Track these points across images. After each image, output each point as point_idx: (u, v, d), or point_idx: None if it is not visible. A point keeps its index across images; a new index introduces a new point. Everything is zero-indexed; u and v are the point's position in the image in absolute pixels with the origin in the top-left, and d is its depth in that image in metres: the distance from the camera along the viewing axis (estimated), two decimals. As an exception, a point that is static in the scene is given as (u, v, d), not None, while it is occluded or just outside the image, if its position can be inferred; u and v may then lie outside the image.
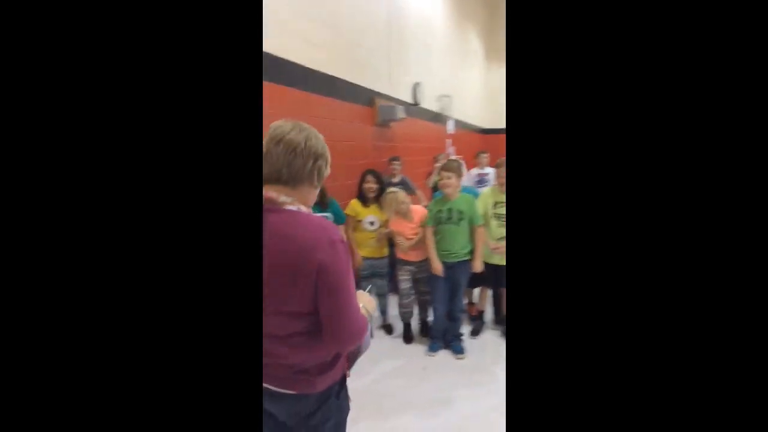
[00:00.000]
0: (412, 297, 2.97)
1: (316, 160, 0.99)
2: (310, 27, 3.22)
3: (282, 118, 1.01)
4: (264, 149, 0.96)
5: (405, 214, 2.79)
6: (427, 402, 2.30)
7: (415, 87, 5.46)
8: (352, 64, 3.88)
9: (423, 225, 2.78)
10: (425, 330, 3.07)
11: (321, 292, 0.91)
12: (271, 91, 2.76)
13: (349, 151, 3.86)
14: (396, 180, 4.29)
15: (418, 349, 2.91)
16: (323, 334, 0.95)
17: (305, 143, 0.97)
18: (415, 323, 3.12)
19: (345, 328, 0.93)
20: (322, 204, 2.88)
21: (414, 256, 2.85)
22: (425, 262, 2.86)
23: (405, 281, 2.93)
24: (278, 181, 0.97)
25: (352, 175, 3.33)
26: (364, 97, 4.16)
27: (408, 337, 3.00)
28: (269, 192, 0.96)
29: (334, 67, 3.56)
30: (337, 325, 0.93)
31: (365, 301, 1.09)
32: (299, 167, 0.97)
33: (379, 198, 2.92)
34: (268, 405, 1.02)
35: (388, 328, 3.20)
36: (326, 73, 3.41)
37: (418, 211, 2.84)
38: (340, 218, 2.96)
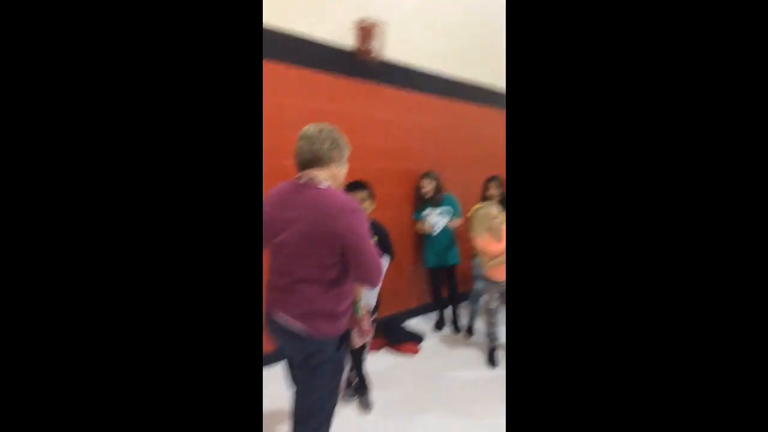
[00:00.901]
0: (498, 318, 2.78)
1: (333, 142, 1.29)
2: (451, 38, 3.38)
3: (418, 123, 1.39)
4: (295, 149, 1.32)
5: (496, 232, 2.56)
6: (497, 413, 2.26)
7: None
8: (494, 69, 3.88)
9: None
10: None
11: (348, 247, 1.22)
12: (412, 99, 3.08)
13: (485, 157, 3.87)
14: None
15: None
16: (355, 275, 1.26)
17: (319, 133, 1.29)
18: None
19: (369, 268, 1.23)
20: (434, 200, 3.05)
21: (502, 276, 2.64)
22: None
23: (493, 301, 2.75)
24: (309, 164, 1.29)
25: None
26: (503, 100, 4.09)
27: (493, 362, 2.78)
28: (310, 173, 1.29)
29: (474, 72, 3.63)
30: (364, 267, 1.23)
31: None
32: (317, 149, 1.28)
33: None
34: (284, 342, 1.34)
35: (470, 330, 3.18)
36: (460, 79, 3.52)
37: None
38: (456, 212, 3.08)
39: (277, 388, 2.08)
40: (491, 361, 2.80)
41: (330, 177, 1.31)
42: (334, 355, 1.31)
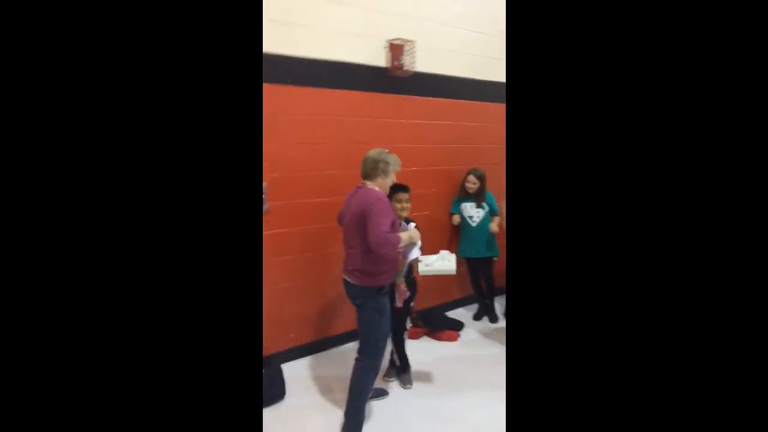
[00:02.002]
0: None
1: (377, 163, 2.02)
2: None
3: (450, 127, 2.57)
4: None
5: None
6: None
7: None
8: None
9: None
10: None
11: (365, 218, 1.86)
12: (442, 105, 3.31)
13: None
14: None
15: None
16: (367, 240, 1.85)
17: (372, 156, 2.03)
18: None
19: (373, 240, 1.83)
20: (479, 198, 3.28)
21: None
22: None
23: None
24: (366, 177, 2.05)
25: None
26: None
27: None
28: (364, 182, 2.04)
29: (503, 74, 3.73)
30: (368, 233, 1.85)
31: (412, 233, 2.09)
32: (369, 168, 2.04)
33: None
34: (346, 290, 2.07)
35: None
36: (490, 81, 3.67)
37: None
38: (493, 210, 3.30)
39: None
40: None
41: (378, 185, 2.04)
42: (375, 299, 1.98)
